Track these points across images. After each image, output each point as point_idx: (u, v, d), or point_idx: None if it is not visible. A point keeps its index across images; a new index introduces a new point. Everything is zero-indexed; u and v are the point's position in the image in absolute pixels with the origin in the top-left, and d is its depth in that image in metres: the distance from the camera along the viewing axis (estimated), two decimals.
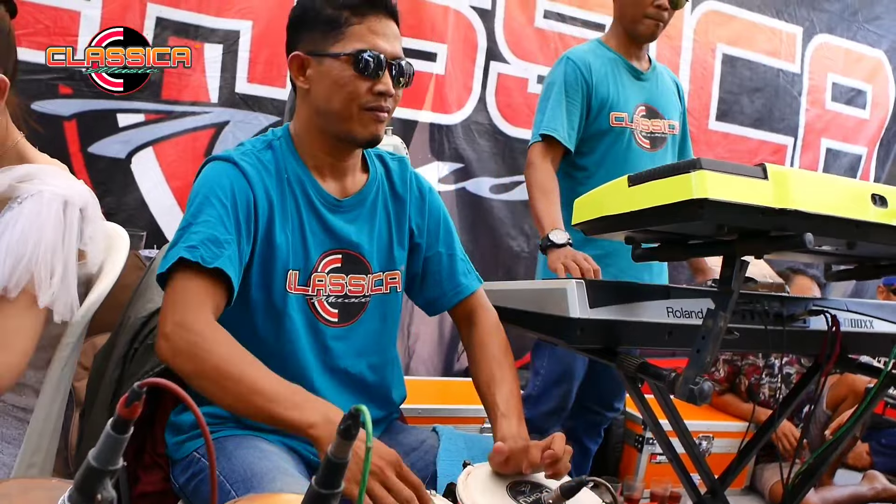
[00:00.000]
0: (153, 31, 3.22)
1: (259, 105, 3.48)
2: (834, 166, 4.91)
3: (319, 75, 1.48)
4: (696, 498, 1.87)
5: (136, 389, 0.75)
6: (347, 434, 0.78)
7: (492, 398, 1.55)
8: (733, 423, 3.67)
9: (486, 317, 1.69)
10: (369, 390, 1.59)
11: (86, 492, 0.78)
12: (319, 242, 1.52)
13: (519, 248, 3.99)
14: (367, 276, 1.57)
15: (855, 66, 4.93)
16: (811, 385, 1.99)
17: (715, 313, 1.50)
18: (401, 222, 1.64)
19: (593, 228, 1.64)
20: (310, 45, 1.49)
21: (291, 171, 1.52)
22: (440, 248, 1.68)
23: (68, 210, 1.44)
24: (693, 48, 4.39)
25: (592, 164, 2.60)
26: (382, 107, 1.47)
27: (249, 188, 1.45)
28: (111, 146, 3.22)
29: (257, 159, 1.50)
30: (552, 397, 2.67)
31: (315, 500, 0.82)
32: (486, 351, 1.62)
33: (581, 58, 2.59)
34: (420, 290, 1.71)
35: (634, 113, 2.62)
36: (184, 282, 1.34)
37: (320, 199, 1.53)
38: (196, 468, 1.45)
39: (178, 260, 1.34)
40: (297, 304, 1.49)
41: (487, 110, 4.01)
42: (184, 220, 1.42)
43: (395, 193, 1.64)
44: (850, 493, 3.48)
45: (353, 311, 1.56)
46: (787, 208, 1.37)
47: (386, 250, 1.61)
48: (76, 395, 1.92)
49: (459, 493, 1.28)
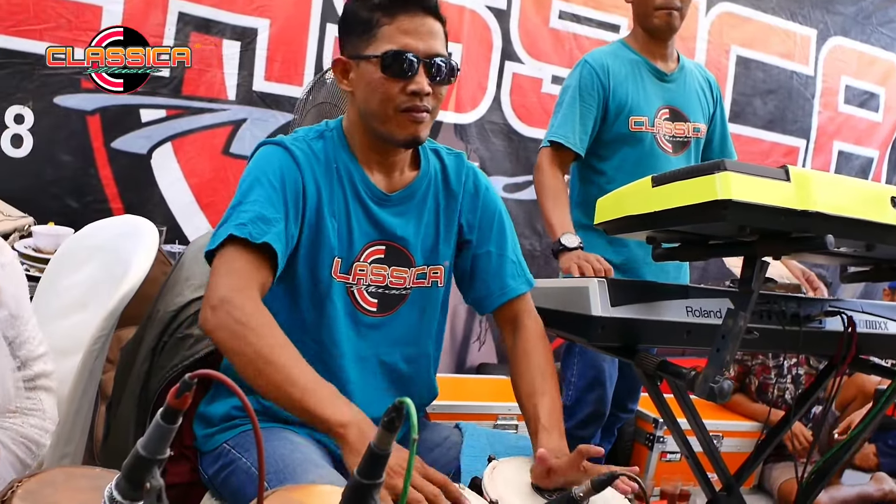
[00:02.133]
0: (175, 27, 3.24)
1: (276, 103, 3.49)
2: (846, 169, 4.91)
3: (358, 78, 1.50)
4: (711, 495, 1.89)
5: (187, 381, 0.77)
6: (391, 426, 0.80)
7: (533, 410, 1.51)
8: (743, 422, 3.68)
9: (532, 324, 1.65)
10: (401, 381, 1.60)
11: (134, 480, 0.80)
12: (364, 233, 1.54)
13: (531, 247, 4.01)
14: (409, 269, 1.58)
15: (868, 68, 4.93)
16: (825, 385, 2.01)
17: (735, 313, 1.52)
18: (450, 218, 1.63)
19: (616, 228, 1.66)
20: (350, 48, 1.52)
21: (341, 163, 1.54)
22: (491, 246, 1.67)
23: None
24: (707, 49, 4.39)
25: (612, 169, 2.57)
26: (418, 107, 1.46)
27: (299, 173, 1.48)
28: (134, 141, 3.25)
29: (308, 147, 1.52)
30: (587, 403, 2.65)
31: (357, 490, 0.84)
32: (530, 361, 1.59)
33: (599, 61, 2.57)
34: (469, 288, 1.70)
35: (656, 116, 2.58)
36: (232, 257, 1.36)
37: (367, 192, 1.55)
38: (226, 460, 1.47)
39: (228, 237, 1.36)
40: (340, 291, 1.52)
41: (502, 110, 4.01)
42: (234, 199, 1.45)
43: (448, 188, 1.64)
44: (858, 492, 3.48)
45: (392, 302, 1.58)
46: (809, 210, 1.39)
47: (431, 244, 1.62)
48: (102, 388, 1.95)
49: (485, 487, 1.30)
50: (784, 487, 3.46)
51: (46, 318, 1.79)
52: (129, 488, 0.80)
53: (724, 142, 2.81)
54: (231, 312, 1.30)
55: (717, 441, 3.55)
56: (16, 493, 0.94)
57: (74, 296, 1.81)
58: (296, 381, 1.27)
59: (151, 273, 1.73)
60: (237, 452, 1.46)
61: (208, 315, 1.32)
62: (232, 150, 3.43)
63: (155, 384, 1.62)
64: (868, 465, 3.78)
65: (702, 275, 4.41)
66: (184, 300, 1.67)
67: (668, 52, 2.65)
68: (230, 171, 3.41)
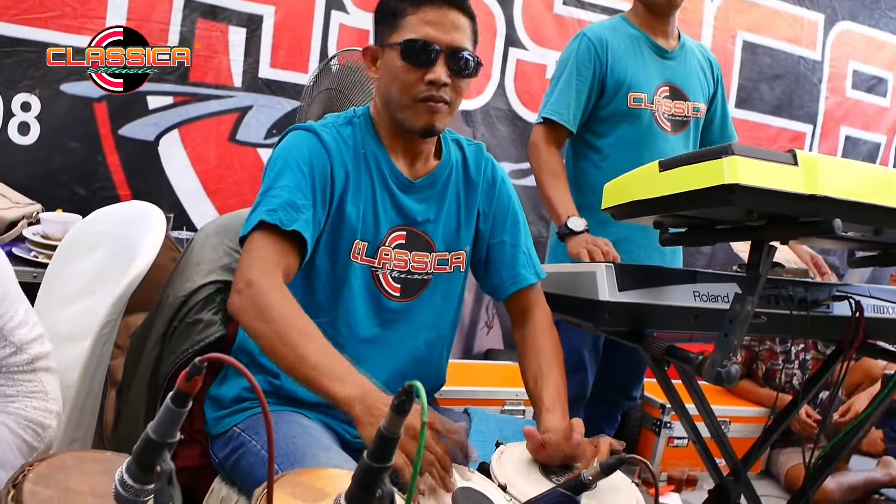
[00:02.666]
0: (181, 13, 3.23)
1: (282, 90, 3.49)
2: (852, 154, 4.88)
3: (383, 66, 1.54)
4: (718, 480, 1.90)
5: (198, 364, 0.77)
6: (401, 409, 0.81)
7: (538, 393, 1.56)
8: (751, 408, 3.69)
9: (541, 315, 1.69)
10: (416, 364, 1.62)
11: (144, 464, 0.81)
12: (389, 218, 1.56)
13: (538, 233, 4.00)
14: (430, 254, 1.61)
15: (876, 53, 4.89)
16: (833, 370, 2.01)
17: (743, 297, 1.52)
18: (470, 205, 1.67)
19: (623, 213, 1.66)
20: (379, 37, 1.56)
21: (369, 149, 1.57)
22: (505, 236, 1.70)
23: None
24: (713, 35, 4.36)
25: (608, 146, 2.52)
26: (435, 97, 1.49)
27: (328, 158, 1.50)
28: (142, 128, 3.25)
29: (337, 132, 1.55)
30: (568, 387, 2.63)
31: (367, 473, 0.85)
32: (537, 349, 1.64)
33: (597, 35, 2.50)
34: (483, 276, 1.74)
35: (656, 93, 2.51)
36: (261, 243, 1.40)
37: (393, 178, 1.57)
38: (236, 443, 1.49)
39: (259, 223, 1.39)
40: (362, 274, 1.54)
41: (506, 96, 4.01)
42: (264, 184, 1.48)
43: (467, 177, 1.67)
44: (865, 478, 3.49)
45: (415, 287, 1.60)
46: (816, 194, 1.38)
47: (453, 230, 1.65)
48: (112, 373, 1.96)
49: (494, 471, 1.31)
50: (791, 472, 3.47)
51: (54, 304, 1.81)
52: (140, 472, 0.81)
53: (724, 123, 2.75)
54: (253, 296, 1.34)
55: (725, 426, 3.56)
56: (27, 476, 0.95)
57: (82, 282, 1.82)
58: (307, 359, 1.29)
59: (160, 259, 1.74)
60: (247, 435, 1.48)
61: (234, 298, 1.37)
62: (238, 137, 3.43)
63: (165, 369, 1.63)
64: (875, 450, 3.79)
65: (709, 259, 4.40)
66: (193, 285, 1.67)
67: (669, 28, 2.58)
68: (236, 158, 3.42)
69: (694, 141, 2.65)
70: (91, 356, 1.61)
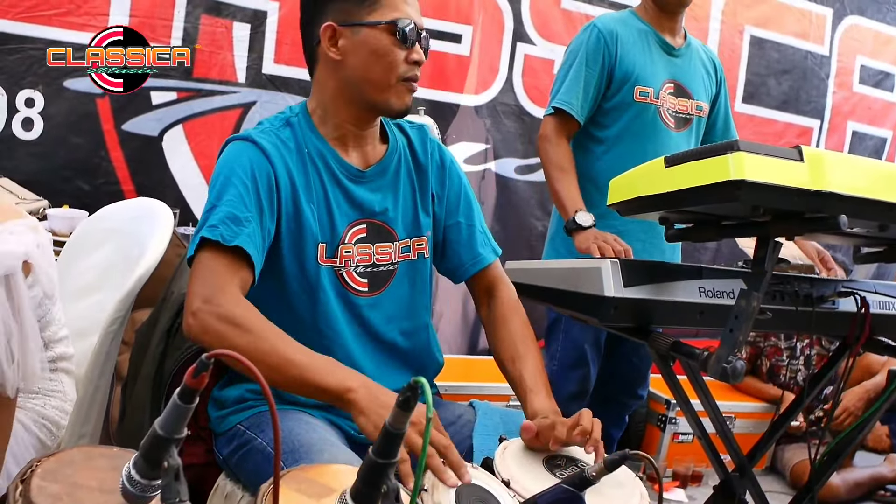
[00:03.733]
0: (185, 9, 3.25)
1: (286, 86, 3.50)
2: (859, 149, 4.87)
3: (354, 45, 1.49)
4: (724, 476, 1.90)
5: (204, 360, 0.77)
6: (406, 405, 0.81)
7: (517, 374, 1.56)
8: (755, 403, 3.69)
9: (506, 292, 1.69)
10: (405, 357, 1.62)
11: (152, 459, 0.81)
12: (345, 214, 1.54)
13: (543, 228, 3.99)
14: (393, 244, 1.59)
15: (884, 48, 4.87)
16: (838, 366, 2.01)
17: (748, 293, 1.52)
18: (424, 189, 1.65)
19: (628, 209, 1.66)
20: (342, 15, 1.50)
21: (312, 146, 1.53)
22: (460, 217, 1.69)
23: (12, 282, 1.30)
24: (721, 29, 4.35)
25: (611, 138, 2.53)
26: (416, 76, 1.50)
27: (269, 165, 1.46)
28: (145, 124, 3.26)
29: (276, 137, 1.51)
30: (570, 381, 2.65)
31: (372, 469, 0.85)
32: (508, 327, 1.63)
33: (608, 26, 2.51)
34: (441, 259, 1.72)
35: (661, 89, 2.53)
36: (208, 260, 1.35)
37: (343, 171, 1.54)
38: (240, 440, 1.48)
39: (201, 240, 1.36)
40: (328, 276, 1.51)
41: (514, 91, 4.00)
42: (207, 202, 1.44)
43: (416, 161, 1.65)
44: (871, 474, 3.49)
45: (382, 279, 1.58)
46: (822, 190, 1.39)
47: (411, 217, 1.63)
48: (117, 369, 1.97)
49: (497, 467, 1.30)
50: (797, 468, 3.46)
51: (63, 301, 1.82)
52: (147, 467, 0.82)
53: (727, 125, 2.78)
54: (212, 312, 1.29)
55: (730, 422, 3.56)
56: (35, 472, 0.96)
57: (90, 278, 1.83)
58: (292, 360, 1.28)
59: (166, 255, 1.75)
60: (252, 433, 1.47)
61: (190, 321, 1.31)
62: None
63: (170, 365, 1.63)
64: (881, 446, 3.78)
65: (714, 255, 4.40)
66: None
67: (677, 26, 2.60)
68: None
69: (696, 139, 2.66)
70: (99, 352, 1.62)
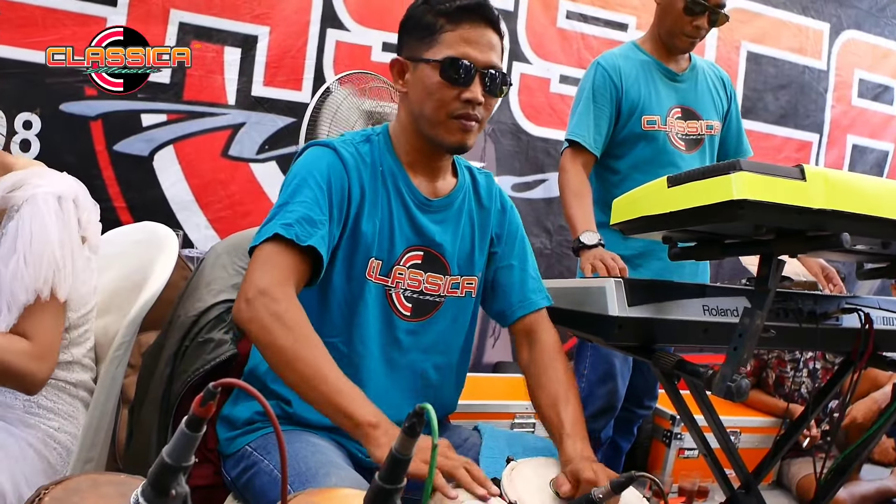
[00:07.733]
0: (176, 36, 3.31)
1: (274, 107, 3.55)
2: (860, 163, 4.89)
3: (415, 80, 1.54)
4: (729, 493, 1.89)
5: (211, 389, 0.78)
6: (412, 431, 0.82)
7: (557, 418, 1.54)
8: (761, 418, 3.67)
9: (550, 338, 1.68)
10: (426, 389, 1.62)
11: (159, 487, 0.81)
12: (405, 237, 1.56)
13: (541, 245, 4.02)
14: (444, 277, 1.61)
15: (882, 62, 4.90)
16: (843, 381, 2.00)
17: (752, 312, 1.52)
18: (484, 230, 1.68)
19: (632, 228, 1.66)
20: (409, 50, 1.55)
21: (386, 166, 1.57)
22: (513, 260, 1.72)
23: (63, 204, 1.51)
24: (717, 46, 4.38)
25: (625, 168, 2.60)
26: (469, 115, 1.50)
27: (346, 175, 1.50)
28: (135, 144, 3.33)
29: (356, 149, 1.55)
30: (598, 397, 2.67)
31: (379, 494, 0.85)
32: (550, 374, 1.62)
33: (611, 62, 2.60)
34: (491, 300, 1.73)
35: (668, 115, 2.61)
36: (273, 254, 1.38)
37: (411, 196, 1.58)
38: (248, 462, 1.49)
39: (273, 235, 1.38)
40: (375, 293, 1.54)
41: (510, 110, 4.04)
42: (280, 198, 1.47)
43: (480, 203, 1.69)
44: (878, 487, 3.47)
45: (425, 309, 1.60)
46: (824, 208, 1.39)
47: (467, 255, 1.65)
48: (124, 392, 1.97)
49: (504, 488, 1.30)
50: (803, 483, 3.45)
51: None
52: (155, 495, 0.81)
53: (739, 139, 2.84)
54: (267, 305, 1.32)
55: (735, 437, 3.55)
56: (43, 500, 0.95)
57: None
58: (326, 378, 1.29)
59: (171, 278, 1.75)
60: (259, 455, 1.48)
61: (242, 306, 1.34)
62: (230, 153, 3.51)
63: (177, 388, 1.63)
64: (887, 459, 3.76)
65: (716, 271, 4.40)
66: (204, 305, 1.68)
67: (679, 55, 2.69)
68: (228, 173, 3.49)
69: (710, 157, 2.72)
70: (105, 377, 1.62)
